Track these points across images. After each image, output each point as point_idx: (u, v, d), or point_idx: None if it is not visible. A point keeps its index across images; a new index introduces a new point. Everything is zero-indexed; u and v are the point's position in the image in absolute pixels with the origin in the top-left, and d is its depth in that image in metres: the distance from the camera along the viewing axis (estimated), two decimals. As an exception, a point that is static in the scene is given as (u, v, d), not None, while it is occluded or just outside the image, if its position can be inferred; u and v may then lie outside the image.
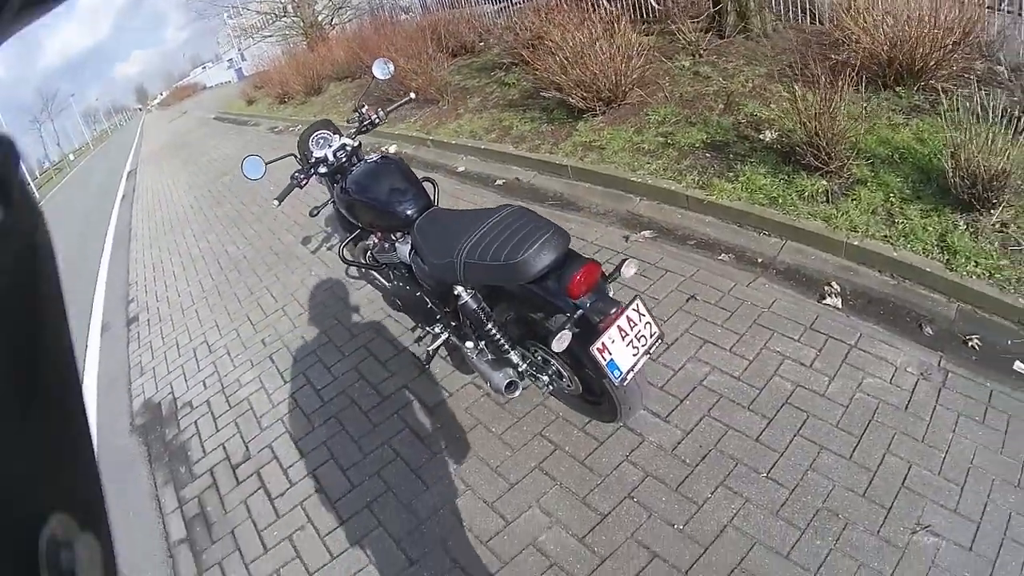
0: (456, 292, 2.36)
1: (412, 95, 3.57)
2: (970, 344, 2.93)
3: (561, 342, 1.99)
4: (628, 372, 2.07)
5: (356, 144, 3.09)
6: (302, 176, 2.97)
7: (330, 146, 3.03)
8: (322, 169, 3.02)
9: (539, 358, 2.50)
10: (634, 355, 2.09)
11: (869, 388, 2.70)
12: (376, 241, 3.07)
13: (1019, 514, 2.15)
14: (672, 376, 2.89)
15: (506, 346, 2.44)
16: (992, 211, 3.46)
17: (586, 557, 2.23)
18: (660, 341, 2.17)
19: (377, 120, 3.22)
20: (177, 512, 2.98)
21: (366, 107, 3.25)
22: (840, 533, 2.16)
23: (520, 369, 2.47)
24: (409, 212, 2.68)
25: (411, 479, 2.67)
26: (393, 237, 2.87)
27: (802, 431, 2.54)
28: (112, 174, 17.57)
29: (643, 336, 2.12)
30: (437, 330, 2.85)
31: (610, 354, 2.03)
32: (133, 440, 3.67)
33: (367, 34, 11.76)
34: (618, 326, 2.05)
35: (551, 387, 2.57)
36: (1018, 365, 2.81)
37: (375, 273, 3.30)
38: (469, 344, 2.61)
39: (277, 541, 2.61)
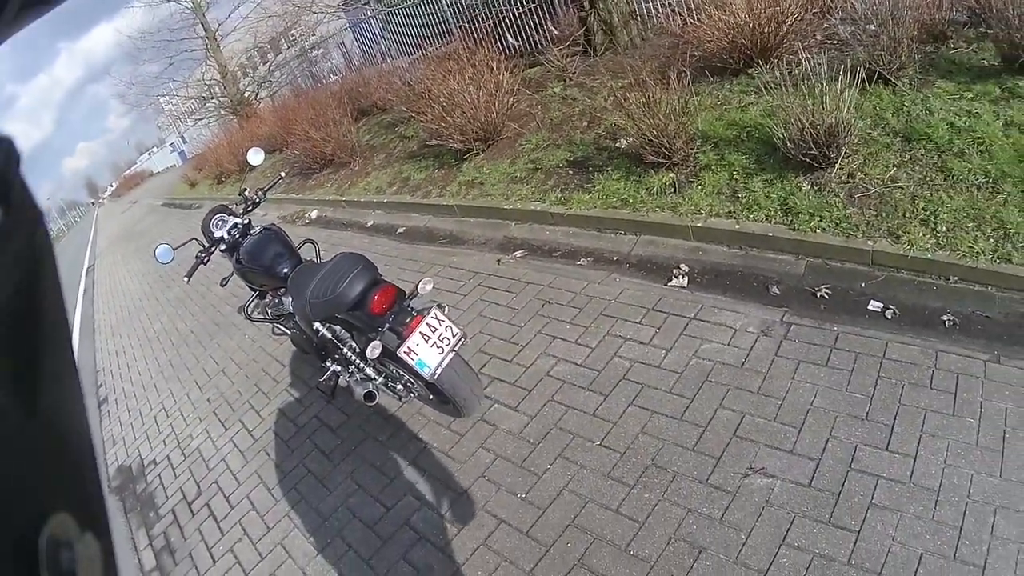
0: (315, 327, 2.88)
1: (282, 174, 4.24)
2: (819, 295, 3.08)
3: (374, 351, 2.53)
4: (437, 368, 2.56)
5: (246, 221, 3.63)
6: (204, 255, 3.54)
7: (225, 226, 3.56)
8: (222, 247, 3.56)
9: (393, 371, 3.01)
10: (440, 353, 2.57)
11: (705, 353, 2.98)
12: (270, 298, 3.61)
13: (866, 445, 2.28)
14: (523, 372, 3.38)
15: (361, 364, 2.93)
16: (834, 166, 3.57)
17: (446, 529, 2.68)
18: (464, 341, 2.67)
19: (257, 200, 3.80)
20: (148, 548, 3.56)
21: (247, 190, 3.84)
22: (668, 485, 2.42)
23: (377, 382, 2.97)
24: (285, 271, 3.27)
25: (318, 488, 3.27)
26: (280, 293, 3.46)
27: (635, 401, 2.87)
28: (72, 272, 17.90)
29: (445, 338, 2.60)
30: (328, 363, 3.25)
31: (417, 355, 2.52)
32: (111, 499, 4.25)
33: (290, 105, 12.15)
34: (420, 332, 2.54)
35: (413, 394, 3.09)
36: (873, 304, 2.91)
37: (280, 326, 3.81)
38: (338, 367, 3.15)
39: (222, 553, 3.20)
